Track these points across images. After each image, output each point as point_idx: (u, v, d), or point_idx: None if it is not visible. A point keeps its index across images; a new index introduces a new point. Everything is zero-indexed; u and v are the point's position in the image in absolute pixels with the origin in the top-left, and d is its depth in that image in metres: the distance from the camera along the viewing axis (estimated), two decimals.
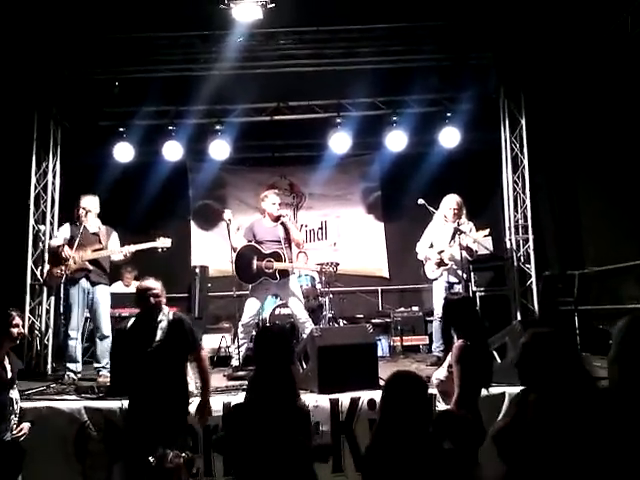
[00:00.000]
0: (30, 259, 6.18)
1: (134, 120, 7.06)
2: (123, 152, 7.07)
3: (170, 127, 7.11)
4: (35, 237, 6.29)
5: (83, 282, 5.21)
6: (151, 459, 3.21)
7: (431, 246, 5.59)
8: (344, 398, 4.06)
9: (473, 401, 3.12)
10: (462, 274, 5.41)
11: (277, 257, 5.37)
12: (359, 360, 4.35)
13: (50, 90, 6.38)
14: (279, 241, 5.45)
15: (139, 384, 3.41)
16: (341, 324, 6.55)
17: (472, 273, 6.90)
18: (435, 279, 5.56)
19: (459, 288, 5.41)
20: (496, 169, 6.84)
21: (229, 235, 5.39)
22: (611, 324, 6.05)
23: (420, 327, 6.93)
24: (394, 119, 7.02)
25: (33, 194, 6.36)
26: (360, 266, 8.40)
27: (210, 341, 6.30)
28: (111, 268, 5.55)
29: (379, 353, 5.70)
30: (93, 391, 4.26)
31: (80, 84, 6.59)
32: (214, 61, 6.41)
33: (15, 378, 3.47)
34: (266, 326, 5.05)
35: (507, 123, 6.66)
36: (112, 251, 5.29)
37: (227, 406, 3.96)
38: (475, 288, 6.91)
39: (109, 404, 4.01)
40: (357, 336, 4.65)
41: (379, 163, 8.47)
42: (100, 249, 5.25)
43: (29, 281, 6.14)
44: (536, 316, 6.22)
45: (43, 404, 4.05)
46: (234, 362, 5.38)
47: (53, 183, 6.53)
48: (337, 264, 5.83)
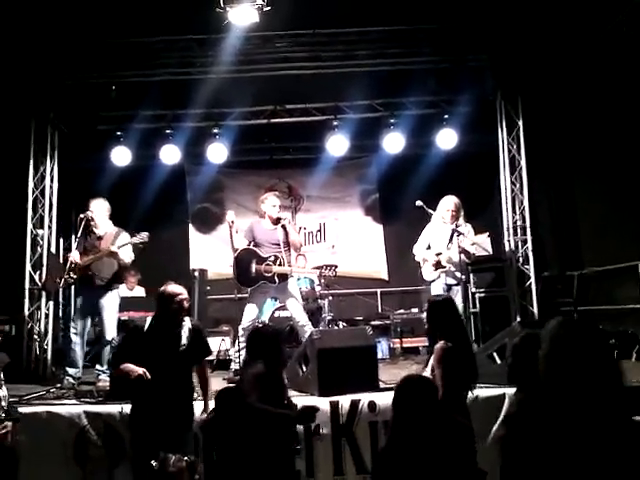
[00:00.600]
0: (28, 263, 6.16)
1: (131, 124, 7.07)
2: (121, 156, 7.07)
3: (168, 131, 7.11)
4: (33, 241, 6.27)
5: (88, 288, 5.20)
6: (154, 463, 3.21)
7: (428, 248, 5.57)
8: (344, 401, 4.06)
9: (460, 402, 3.11)
10: (460, 276, 5.40)
11: (276, 261, 5.36)
12: (359, 362, 4.35)
13: (47, 94, 6.38)
14: (278, 244, 5.43)
15: (151, 387, 3.39)
16: (340, 326, 6.54)
17: (471, 275, 6.92)
18: (433, 281, 5.54)
19: (457, 290, 5.39)
20: (494, 171, 6.85)
21: (231, 236, 5.38)
22: (611, 325, 6.08)
23: (420, 329, 6.89)
24: (391, 121, 7.03)
25: (31, 198, 6.35)
26: (359, 268, 8.40)
27: (209, 345, 6.28)
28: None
29: (379, 355, 5.69)
30: (93, 395, 4.25)
31: (77, 88, 6.58)
32: (211, 65, 6.42)
33: (1, 375, 3.45)
34: (257, 328, 5.00)
35: (504, 125, 6.67)
36: (102, 253, 5.17)
37: None
38: (474, 289, 6.92)
39: (109, 408, 3.99)
40: (357, 338, 4.64)
41: (377, 165, 8.49)
42: (98, 252, 5.20)
43: (27, 285, 6.11)
44: (535, 317, 6.22)
45: (43, 409, 4.04)
46: (234, 366, 5.37)
47: (51, 187, 6.52)
48: (336, 267, 5.80)
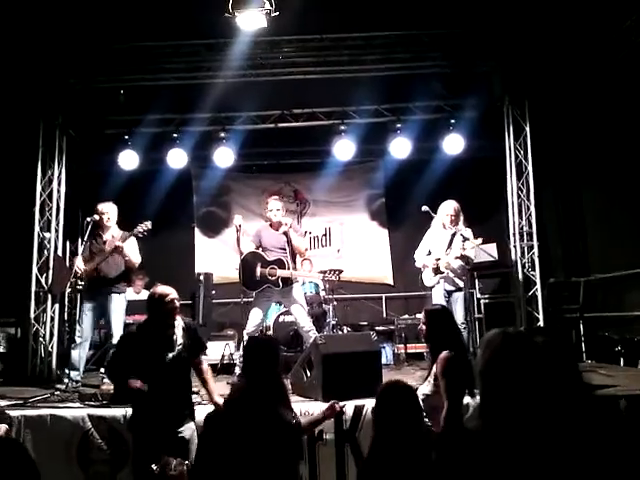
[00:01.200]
0: (35, 266, 6.20)
1: (139, 128, 7.12)
2: (128, 160, 7.11)
3: (175, 135, 7.16)
4: (40, 245, 6.31)
5: (97, 290, 5.20)
6: (154, 467, 3.20)
7: (429, 253, 5.54)
8: (348, 406, 4.04)
9: (460, 412, 3.05)
10: (458, 283, 5.36)
11: (280, 264, 5.36)
12: (363, 368, 4.32)
13: (56, 99, 6.42)
14: (284, 248, 5.43)
15: (151, 390, 3.37)
16: (345, 331, 6.54)
17: (476, 280, 6.90)
18: (432, 287, 5.49)
19: (458, 296, 5.33)
20: (500, 176, 6.83)
21: (238, 240, 5.38)
22: (617, 331, 6.04)
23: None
24: (398, 126, 7.04)
25: (38, 202, 6.39)
26: (364, 273, 8.39)
27: (214, 348, 6.28)
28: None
29: (383, 361, 5.67)
30: (97, 398, 4.25)
31: (85, 92, 6.65)
32: (218, 69, 6.45)
33: None
34: (253, 336, 4.99)
35: (511, 130, 6.65)
36: (106, 254, 5.19)
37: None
38: (480, 295, 6.90)
39: (113, 412, 3.99)
40: (361, 344, 4.62)
41: (383, 170, 8.49)
42: (104, 256, 5.22)
43: (34, 288, 6.15)
44: (541, 323, 6.18)
45: (47, 412, 4.05)
46: (238, 370, 5.36)
47: (58, 191, 6.56)
48: (340, 271, 5.80)
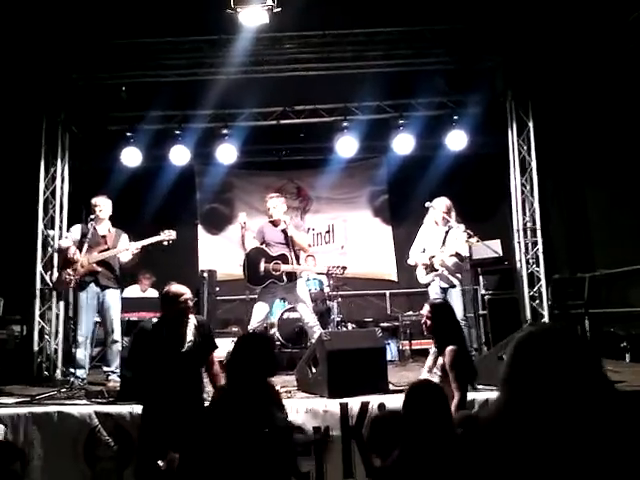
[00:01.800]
0: (39, 264, 6.20)
1: (142, 125, 7.10)
2: (131, 156, 7.10)
3: (177, 131, 7.13)
4: (44, 242, 6.30)
5: (92, 286, 5.18)
6: (160, 463, 3.21)
7: (423, 251, 5.53)
8: (354, 402, 4.04)
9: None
10: (453, 279, 5.36)
11: (284, 259, 5.37)
12: (368, 364, 4.32)
13: (58, 95, 6.40)
14: (286, 244, 5.45)
15: (163, 387, 3.40)
16: (350, 328, 6.54)
17: (480, 276, 6.89)
18: (428, 284, 5.48)
19: (453, 292, 5.32)
20: (504, 172, 6.81)
21: (243, 238, 5.39)
22: (622, 327, 6.03)
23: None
24: (401, 122, 7.01)
25: (42, 199, 6.38)
26: (368, 269, 8.39)
27: (219, 345, 6.28)
28: (126, 273, 5.53)
29: (388, 357, 5.68)
30: (103, 396, 4.26)
31: (88, 89, 6.63)
32: (221, 65, 6.43)
33: None
34: (247, 333, 4.99)
35: (514, 126, 6.62)
36: (118, 250, 5.22)
37: None
38: (483, 291, 6.89)
39: (120, 409, 4.00)
40: (366, 340, 4.62)
41: (386, 166, 8.49)
42: (106, 249, 5.22)
43: (38, 286, 6.15)
44: (546, 319, 6.17)
45: (54, 409, 4.05)
46: None
47: (61, 188, 6.55)
48: (344, 267, 5.81)
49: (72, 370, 5.12)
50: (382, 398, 4.07)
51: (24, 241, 6.34)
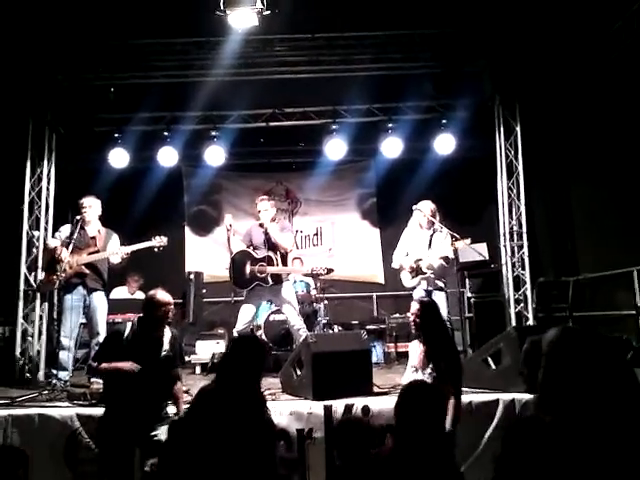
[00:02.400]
0: (24, 265, 6.14)
1: (129, 126, 7.06)
2: (118, 158, 7.06)
3: (165, 133, 7.11)
4: (29, 243, 6.25)
5: (79, 288, 5.11)
6: (147, 468, 3.21)
7: (407, 255, 5.54)
8: (338, 404, 4.04)
9: None
10: (439, 282, 5.37)
11: (270, 261, 5.36)
12: (353, 366, 4.33)
13: (45, 96, 6.37)
14: (273, 246, 5.44)
15: (132, 387, 3.39)
16: (336, 330, 6.53)
17: (466, 279, 6.92)
18: (413, 287, 5.46)
19: (438, 295, 5.31)
20: (491, 176, 6.86)
21: (229, 240, 5.38)
22: (606, 330, 6.08)
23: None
24: (390, 126, 7.04)
25: (27, 200, 6.33)
26: (355, 272, 8.40)
27: (204, 347, 6.27)
28: (114, 274, 5.49)
29: (373, 359, 5.68)
30: (85, 398, 4.22)
31: (75, 90, 6.59)
32: (210, 67, 6.42)
33: None
34: (240, 335, 4.98)
35: (502, 130, 6.68)
36: (108, 252, 5.16)
37: None
38: (469, 294, 6.92)
39: (102, 411, 3.95)
40: (352, 342, 4.62)
41: (374, 169, 8.51)
42: (96, 252, 5.16)
43: (22, 287, 6.09)
44: (530, 322, 6.21)
45: (35, 411, 4.01)
46: None
47: (47, 189, 6.50)
48: (329, 269, 5.78)
49: (55, 372, 5.05)
50: (366, 400, 4.08)
51: (8, 242, 6.28)
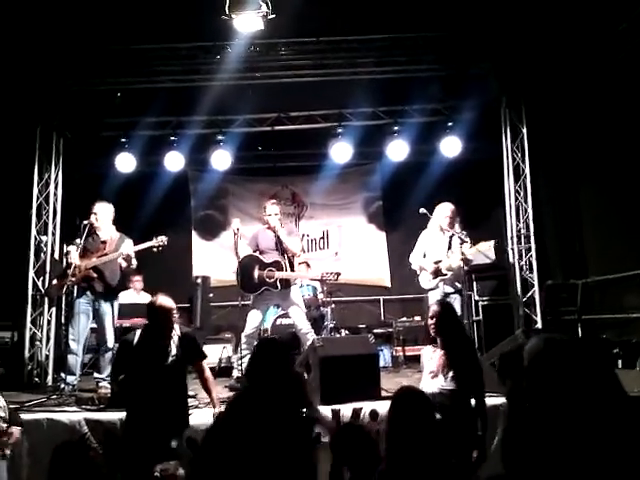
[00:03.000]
0: (32, 269, 6.18)
1: (136, 130, 7.09)
2: (125, 162, 7.09)
3: (172, 137, 7.12)
4: (37, 248, 6.29)
5: (88, 293, 5.12)
6: (156, 474, 3.20)
7: (424, 256, 5.52)
8: (346, 409, 4.03)
9: None
10: (458, 285, 5.34)
11: (278, 266, 5.34)
12: (361, 371, 4.32)
13: (52, 101, 6.41)
14: (280, 250, 5.43)
15: (146, 396, 3.40)
16: (343, 334, 6.52)
17: (474, 282, 6.89)
18: (431, 289, 5.42)
19: (455, 298, 5.29)
20: (498, 178, 6.83)
21: (236, 245, 5.36)
22: (615, 333, 6.03)
23: (423, 337, 6.88)
24: (395, 128, 7.02)
25: (35, 205, 6.37)
26: (362, 276, 8.38)
27: (211, 351, 6.25)
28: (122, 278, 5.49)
29: (381, 363, 5.66)
30: (94, 402, 4.23)
31: (82, 95, 6.63)
32: (215, 72, 6.44)
33: None
34: (266, 338, 4.99)
35: (508, 132, 6.66)
36: (112, 255, 5.14)
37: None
38: (477, 297, 6.89)
39: (110, 416, 3.98)
40: (359, 346, 4.62)
41: (380, 172, 8.49)
42: (104, 255, 5.15)
43: (30, 291, 6.12)
44: (539, 325, 6.18)
45: (43, 415, 4.03)
46: (236, 373, 5.35)
47: (55, 194, 6.54)
48: (338, 273, 5.79)
49: (63, 376, 5.07)
50: (374, 404, 4.05)
51: (16, 247, 6.32)
